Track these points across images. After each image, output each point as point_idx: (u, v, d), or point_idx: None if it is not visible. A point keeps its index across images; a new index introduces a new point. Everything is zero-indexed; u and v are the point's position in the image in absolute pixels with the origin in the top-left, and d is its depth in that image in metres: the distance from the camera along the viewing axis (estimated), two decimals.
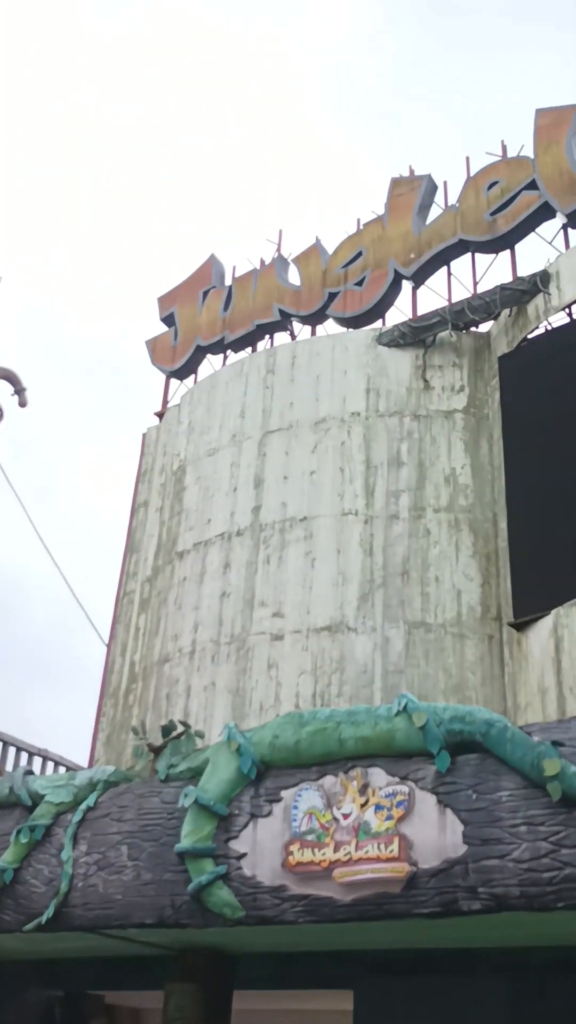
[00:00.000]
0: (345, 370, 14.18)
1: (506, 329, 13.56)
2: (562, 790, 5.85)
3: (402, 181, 15.81)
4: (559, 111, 14.52)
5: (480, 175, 14.84)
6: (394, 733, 6.70)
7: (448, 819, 6.14)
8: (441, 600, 12.27)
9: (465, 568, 12.50)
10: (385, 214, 15.58)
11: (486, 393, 13.64)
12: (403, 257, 14.89)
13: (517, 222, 14.09)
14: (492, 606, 12.24)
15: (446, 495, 13.00)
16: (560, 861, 5.68)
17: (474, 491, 13.00)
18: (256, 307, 16.26)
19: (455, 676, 11.79)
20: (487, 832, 5.99)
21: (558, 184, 13.78)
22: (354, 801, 6.57)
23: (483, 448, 13.31)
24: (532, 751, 6.09)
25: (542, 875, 5.71)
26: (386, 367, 14.06)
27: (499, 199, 14.38)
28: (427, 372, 13.90)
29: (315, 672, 12.01)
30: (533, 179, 14.08)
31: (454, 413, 13.61)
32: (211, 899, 6.81)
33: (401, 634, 12.08)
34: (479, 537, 12.70)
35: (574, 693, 10.35)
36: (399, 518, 12.89)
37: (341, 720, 6.96)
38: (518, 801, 5.99)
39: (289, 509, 13.32)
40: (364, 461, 13.37)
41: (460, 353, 14.06)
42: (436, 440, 13.42)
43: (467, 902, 5.90)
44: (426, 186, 15.49)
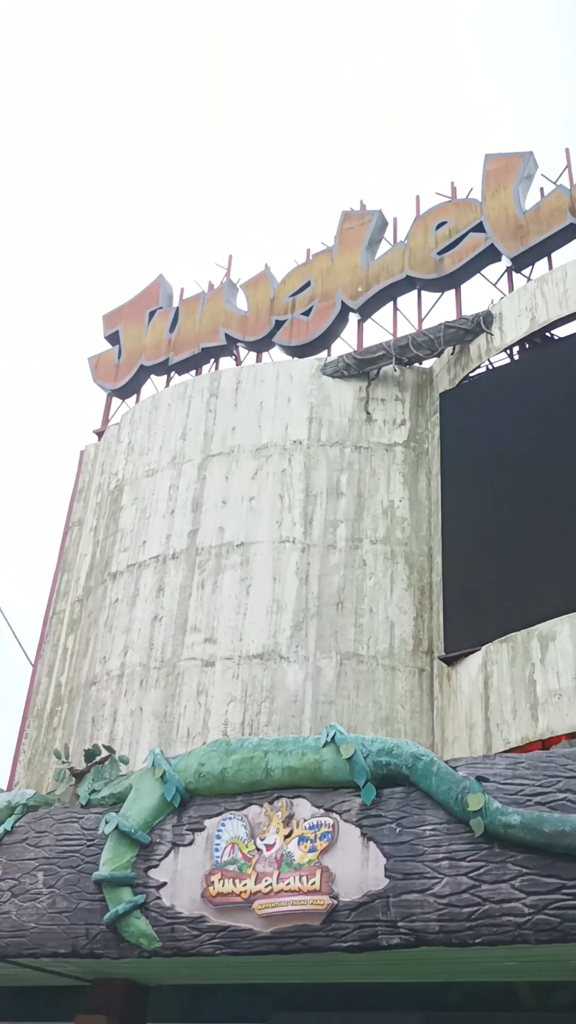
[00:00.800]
0: (289, 398, 14.24)
1: (448, 366, 13.78)
2: (484, 825, 5.89)
3: (353, 215, 16.03)
4: (507, 158, 14.90)
5: (429, 215, 15.12)
6: (321, 764, 6.68)
7: (371, 852, 6.13)
8: (374, 632, 12.31)
9: (399, 601, 12.56)
10: (335, 247, 15.76)
11: (427, 428, 13.81)
12: (351, 290, 15.06)
13: (463, 263, 14.37)
14: (424, 639, 12.31)
15: (383, 527, 13.09)
16: (479, 897, 5.70)
17: (411, 524, 13.11)
18: (202, 330, 16.27)
19: (385, 708, 11.80)
20: (409, 866, 5.99)
21: (504, 228, 14.10)
22: (278, 832, 6.51)
23: (422, 482, 13.45)
24: (457, 786, 6.12)
25: (462, 910, 5.71)
26: (329, 397, 14.16)
27: (447, 239, 14.65)
28: (370, 404, 14.04)
29: (245, 700, 11.92)
30: (480, 222, 14.39)
31: (395, 446, 13.74)
32: (128, 929, 6.67)
33: (333, 664, 12.07)
34: (414, 570, 12.79)
35: (501, 729, 10.44)
36: (336, 548, 12.92)
37: (269, 749, 6.92)
38: (441, 836, 6.00)
39: (226, 534, 13.26)
40: (304, 489, 13.40)
41: (403, 387, 14.23)
42: (376, 472, 13.53)
43: (386, 936, 5.88)
44: (376, 221, 15.73)
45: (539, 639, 10.51)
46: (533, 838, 5.78)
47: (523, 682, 10.43)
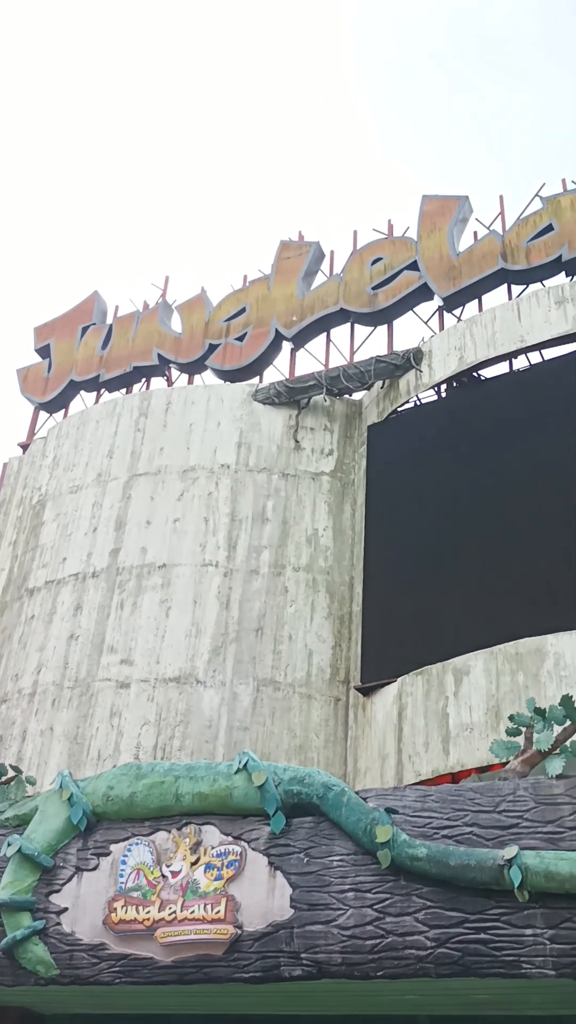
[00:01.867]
0: (219, 421, 14.25)
1: (378, 400, 13.97)
2: (391, 857, 5.91)
3: (291, 245, 16.21)
4: (444, 200, 15.26)
5: (366, 250, 15.38)
6: (232, 791, 6.64)
7: (278, 882, 6.09)
8: (292, 659, 12.32)
9: (319, 629, 12.61)
10: (271, 275, 15.90)
11: (353, 459, 13.96)
12: (285, 318, 15.20)
13: (396, 299, 14.63)
14: (341, 669, 12.37)
15: (307, 555, 13.15)
16: (383, 929, 5.71)
17: (334, 554, 13.20)
18: (135, 349, 16.20)
19: (299, 736, 11.80)
20: (315, 897, 5.97)
21: (438, 268, 14.42)
22: (185, 859, 6.43)
23: (346, 512, 13.57)
24: (366, 817, 6.14)
25: (365, 942, 5.71)
26: (259, 423, 14.21)
27: (382, 275, 14.91)
28: (299, 432, 14.13)
29: (159, 723, 11.78)
30: (415, 260, 14.69)
31: (321, 475, 13.85)
32: (25, 956, 6.50)
33: (250, 690, 12.02)
34: (335, 599, 12.86)
35: (413, 761, 10.52)
36: (259, 574, 12.92)
37: (180, 775, 6.85)
38: (348, 867, 6.01)
39: (149, 555, 13.15)
40: (229, 514, 13.39)
41: (332, 418, 14.37)
42: (302, 500, 13.60)
43: (289, 968, 5.84)
44: (314, 253, 15.93)
45: (454, 673, 10.65)
46: (439, 871, 5.83)
47: (436, 715, 10.55)
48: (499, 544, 11.29)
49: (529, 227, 14.19)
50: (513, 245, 14.11)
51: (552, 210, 14.14)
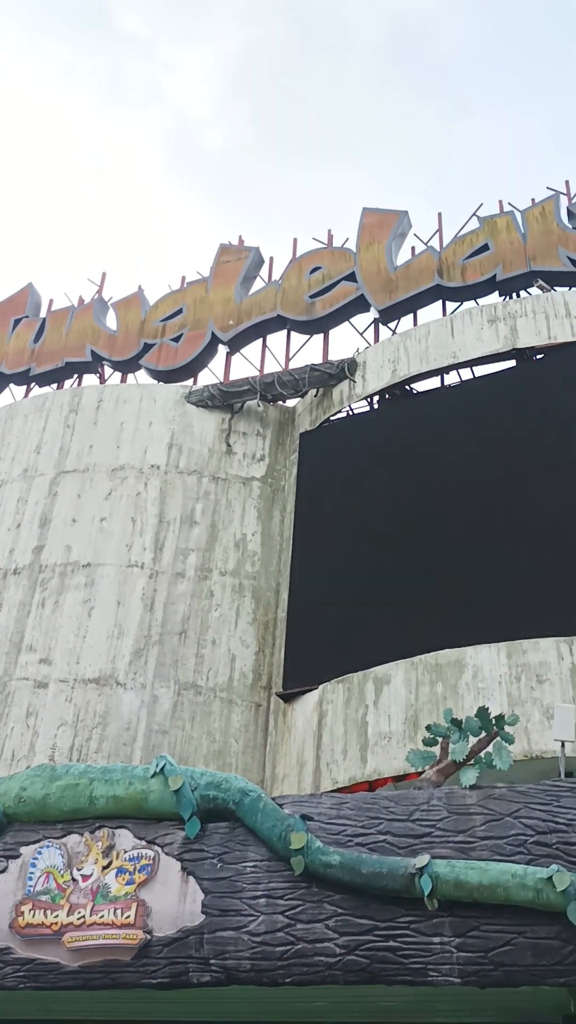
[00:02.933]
0: (151, 421, 14.14)
1: (311, 408, 14.03)
2: (305, 864, 5.91)
3: (230, 249, 16.19)
4: (384, 214, 15.44)
5: (305, 258, 15.46)
6: (147, 795, 6.57)
7: (190, 887, 6.05)
8: (215, 664, 12.26)
9: (243, 634, 12.58)
10: (210, 277, 15.86)
11: (285, 466, 13.99)
12: (222, 322, 15.17)
13: (333, 309, 14.74)
14: (264, 675, 12.36)
15: (234, 559, 13.12)
16: (293, 936, 5.71)
17: (261, 559, 13.20)
18: (68, 344, 15.99)
19: (218, 741, 11.75)
20: (227, 903, 5.94)
21: (375, 281, 14.57)
22: (96, 863, 6.34)
23: (275, 518, 13.58)
24: (281, 823, 6.14)
25: (275, 949, 5.71)
26: (191, 425, 14.14)
27: (319, 284, 15.00)
28: (231, 437, 14.11)
29: (76, 725, 11.60)
30: (353, 272, 14.83)
31: (252, 480, 13.84)
32: None
33: (170, 694, 11.94)
34: (260, 605, 12.86)
35: (330, 768, 10.56)
36: (184, 576, 12.85)
37: (95, 777, 6.75)
38: (261, 873, 5.99)
39: (73, 553, 12.97)
40: (157, 515, 13.29)
41: (265, 424, 14.38)
42: (231, 504, 13.57)
43: (197, 974, 5.79)
44: (253, 258, 15.95)
45: (375, 681, 10.74)
46: (351, 878, 5.86)
47: (356, 723, 10.61)
48: (423, 556, 11.43)
49: (466, 246, 14.44)
50: (449, 262, 14.34)
51: (488, 230, 14.41)
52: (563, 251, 13.72)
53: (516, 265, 13.85)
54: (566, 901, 5.53)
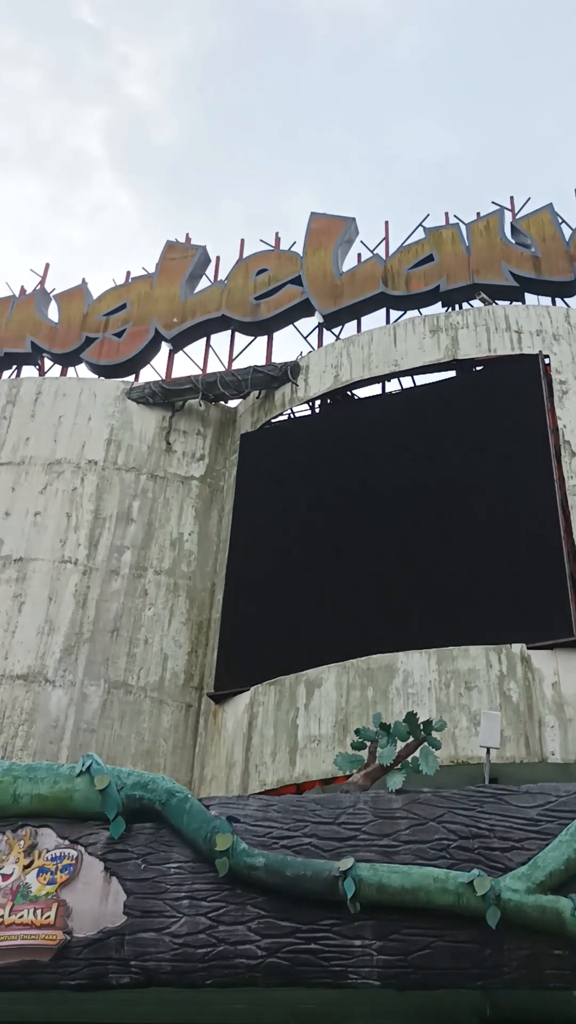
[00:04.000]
0: (90, 416, 13.98)
1: (252, 409, 14.03)
2: (230, 866, 5.90)
3: (177, 246, 16.11)
4: (331, 219, 15.52)
5: (251, 260, 15.45)
6: (72, 794, 6.50)
7: (112, 888, 5.99)
8: (147, 663, 12.17)
9: (176, 634, 12.51)
10: (155, 274, 15.76)
11: (224, 466, 13.96)
12: (166, 319, 15.08)
13: (278, 311, 14.76)
14: (196, 675, 12.31)
15: (169, 559, 13.04)
16: (215, 938, 5.70)
17: (197, 559, 13.14)
18: (8, 335, 15.74)
19: (147, 741, 11.66)
20: (149, 904, 5.90)
21: (320, 286, 14.63)
22: (18, 862, 6.25)
23: (213, 519, 13.54)
24: (207, 825, 6.12)
25: (196, 951, 5.68)
26: (131, 422, 14.03)
27: (265, 286, 15.01)
28: (171, 435, 14.03)
29: (2, 721, 11.40)
30: (299, 275, 14.87)
31: (191, 480, 13.78)
32: None
33: (100, 692, 11.81)
34: (194, 605, 12.80)
35: (259, 770, 10.56)
36: (119, 574, 12.73)
37: (19, 775, 6.65)
38: (186, 874, 5.97)
39: (5, 547, 12.75)
40: (93, 511, 13.14)
41: (206, 423, 14.34)
42: (169, 503, 13.49)
43: (117, 975, 5.74)
44: (199, 257, 15.89)
45: (306, 684, 10.77)
46: (275, 881, 5.86)
47: (286, 726, 10.63)
48: (358, 562, 11.51)
49: (411, 255, 14.59)
50: (394, 271, 14.47)
51: (434, 241, 14.58)
52: (506, 266, 13.95)
53: (460, 277, 14.03)
54: (485, 905, 5.61)
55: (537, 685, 9.87)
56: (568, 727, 9.57)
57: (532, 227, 14.42)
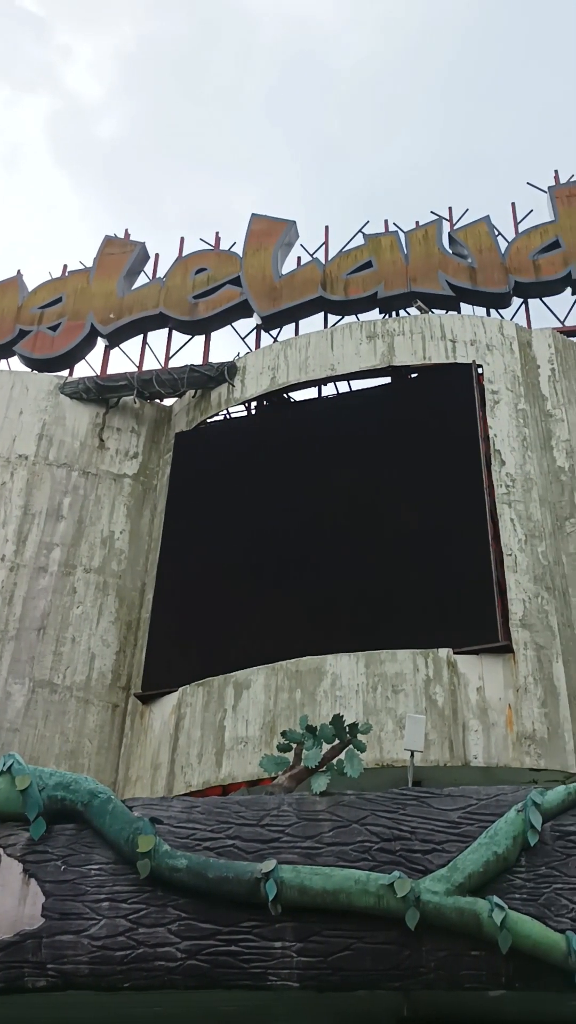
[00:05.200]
0: (21, 410, 13.75)
1: (188, 408, 13.96)
2: (151, 868, 5.86)
3: (115, 242, 15.97)
4: (272, 221, 15.54)
5: (191, 258, 15.39)
6: None
7: (31, 890, 5.90)
8: (73, 662, 12.01)
9: (104, 633, 12.37)
10: (93, 268, 15.59)
11: (158, 465, 13.86)
12: (102, 315, 14.92)
13: (216, 311, 14.72)
14: (123, 675, 12.18)
15: (100, 557, 12.89)
16: (135, 940, 5.65)
17: (128, 558, 13.02)
18: None
19: (72, 741, 11.50)
20: (68, 906, 5.82)
21: (260, 288, 14.64)
22: None
23: (145, 517, 13.43)
24: (130, 826, 6.07)
25: (115, 953, 5.62)
26: (64, 417, 13.83)
27: (204, 285, 14.96)
28: (104, 432, 13.88)
29: None
30: (238, 276, 14.86)
31: (123, 477, 13.65)
32: None
33: (24, 691, 11.61)
34: (124, 604, 12.67)
35: (185, 772, 10.51)
36: (47, 571, 12.54)
37: None
38: (106, 876, 5.91)
39: None
40: (23, 507, 12.93)
41: (140, 421, 14.22)
42: (101, 500, 13.34)
43: (33, 979, 5.65)
44: (138, 253, 15.77)
45: (235, 686, 10.75)
46: (197, 883, 5.84)
47: (213, 727, 10.59)
48: (290, 564, 11.53)
49: (350, 261, 14.70)
50: (333, 276, 14.56)
51: (372, 248, 14.71)
52: (443, 275, 14.14)
53: (397, 284, 14.18)
54: (405, 907, 5.67)
55: (462, 690, 10.01)
56: (491, 731, 9.73)
57: (469, 238, 14.64)
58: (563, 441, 12.10)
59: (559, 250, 14.24)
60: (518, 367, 12.53)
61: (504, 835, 6.00)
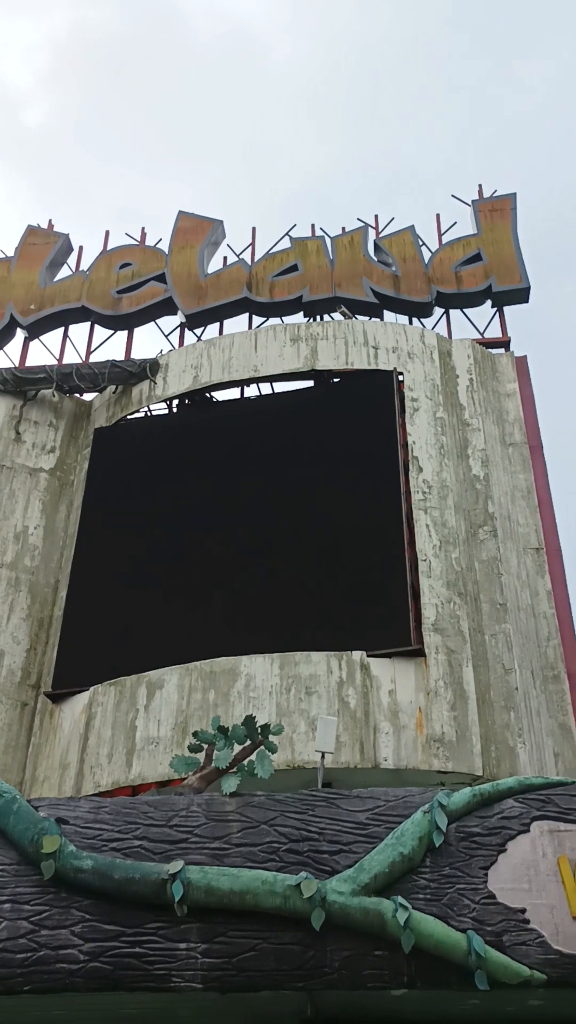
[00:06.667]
0: None
1: (108, 404, 13.79)
2: (56, 869, 5.77)
3: (39, 232, 15.69)
4: (199, 220, 15.48)
5: (115, 253, 15.22)
6: None
7: None
8: None
9: (15, 630, 12.12)
10: (14, 258, 15.29)
11: (76, 460, 13.65)
12: (23, 305, 14.64)
13: (140, 307, 14.59)
14: (34, 673, 11.95)
15: (12, 552, 12.63)
16: (36, 942, 5.55)
17: (42, 554, 12.78)
18: None
19: None
20: None
21: (185, 285, 14.56)
22: None
23: (61, 513, 13.21)
24: (35, 826, 5.96)
25: (15, 956, 5.52)
26: None
27: (128, 280, 14.82)
28: (21, 424, 13.60)
29: None
30: (163, 273, 14.75)
31: (40, 472, 13.40)
32: None
33: None
34: (36, 601, 12.44)
35: (94, 772, 10.36)
36: None
37: None
38: (8, 877, 5.79)
39: None
40: None
41: (59, 415, 13.98)
42: (15, 494, 13.07)
43: None
44: (61, 244, 15.53)
45: (148, 686, 10.65)
46: (102, 884, 5.77)
47: (124, 727, 10.47)
48: (206, 564, 11.48)
49: (276, 263, 14.74)
50: (259, 277, 14.58)
51: (299, 251, 14.78)
52: (367, 282, 14.29)
53: (322, 289, 14.28)
54: (311, 907, 5.70)
55: (374, 692, 10.11)
56: (401, 733, 9.85)
57: (394, 247, 14.83)
58: (479, 450, 12.34)
59: (480, 263, 14.53)
60: (438, 376, 12.74)
61: (410, 836, 6.08)
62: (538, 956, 5.68)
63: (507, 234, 14.78)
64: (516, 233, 14.81)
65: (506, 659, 10.66)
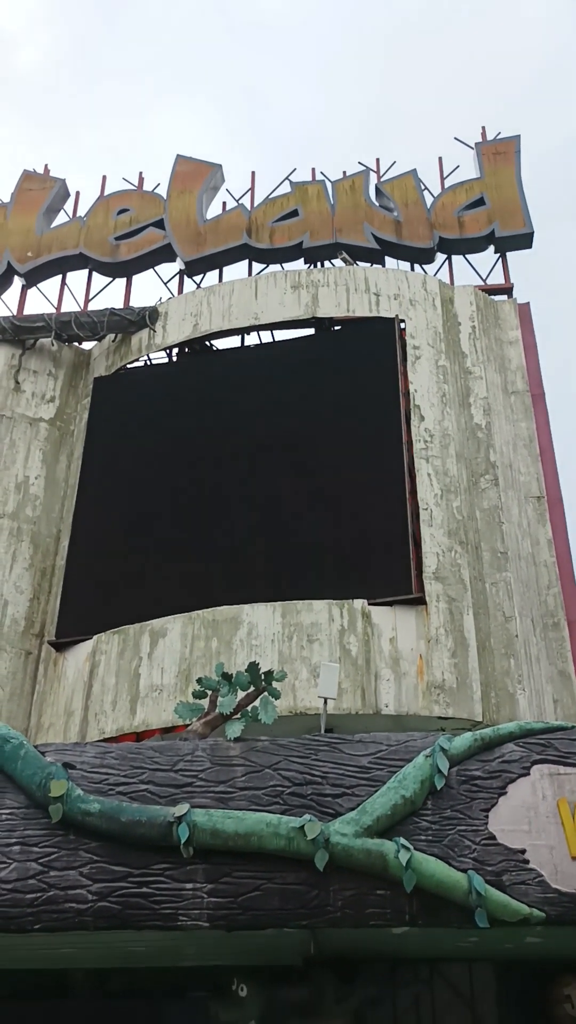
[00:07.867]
0: None
1: (108, 353, 13.69)
2: (63, 812, 5.86)
3: (35, 177, 15.44)
4: (198, 164, 15.21)
5: (113, 198, 14.99)
6: None
7: None
8: None
9: (18, 580, 12.18)
10: (10, 204, 15.06)
11: (76, 410, 13.59)
12: (20, 253, 14.46)
13: (139, 254, 14.41)
14: (37, 622, 12.04)
15: (14, 502, 12.64)
16: (46, 883, 5.66)
17: (43, 504, 12.79)
18: None
19: None
20: None
21: (184, 232, 14.36)
22: None
23: (62, 463, 13.19)
24: (42, 771, 6.05)
25: (25, 896, 5.63)
26: None
27: (126, 227, 14.61)
28: (20, 374, 13.52)
29: None
30: (162, 219, 14.54)
31: (40, 422, 13.35)
32: None
33: None
34: (39, 551, 12.48)
35: (99, 719, 10.49)
36: None
37: None
38: (17, 820, 5.89)
39: None
40: None
41: (58, 364, 13.89)
42: (15, 444, 13.04)
43: None
44: (58, 190, 15.29)
45: (151, 634, 10.73)
46: (110, 827, 5.87)
47: (128, 674, 10.58)
48: (208, 513, 11.50)
49: (276, 208, 14.52)
50: (259, 223, 14.37)
51: (299, 196, 14.55)
52: (368, 227, 14.09)
53: (323, 235, 14.08)
54: (314, 849, 5.80)
55: (375, 640, 10.19)
56: (402, 680, 9.95)
57: (396, 191, 14.59)
58: (481, 398, 12.28)
59: (483, 207, 14.31)
60: (440, 323, 12.62)
61: (412, 779, 6.17)
62: (537, 895, 5.80)
63: (511, 178, 14.53)
64: (520, 177, 14.56)
65: (506, 607, 10.73)
